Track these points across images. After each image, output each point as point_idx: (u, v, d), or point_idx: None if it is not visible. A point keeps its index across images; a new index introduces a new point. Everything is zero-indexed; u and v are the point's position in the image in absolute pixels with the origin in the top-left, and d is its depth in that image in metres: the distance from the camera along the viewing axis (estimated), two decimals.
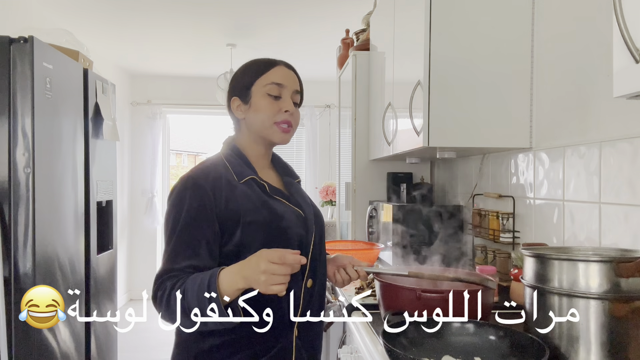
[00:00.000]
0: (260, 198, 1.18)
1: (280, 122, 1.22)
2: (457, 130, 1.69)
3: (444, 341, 1.08)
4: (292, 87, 1.26)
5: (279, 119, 1.22)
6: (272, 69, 1.25)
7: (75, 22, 3.72)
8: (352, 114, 2.69)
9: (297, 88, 1.27)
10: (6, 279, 1.96)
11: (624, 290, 0.93)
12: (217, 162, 1.22)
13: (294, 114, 1.25)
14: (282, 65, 1.27)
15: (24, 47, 1.98)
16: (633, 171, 1.22)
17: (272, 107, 1.22)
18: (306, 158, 5.70)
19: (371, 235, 2.46)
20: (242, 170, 1.20)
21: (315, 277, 1.24)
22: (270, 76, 1.24)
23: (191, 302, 1.02)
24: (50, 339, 2.12)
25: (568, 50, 1.51)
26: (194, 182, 1.14)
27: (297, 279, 1.18)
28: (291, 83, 1.26)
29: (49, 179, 2.13)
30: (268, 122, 1.22)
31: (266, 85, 1.23)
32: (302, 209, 1.24)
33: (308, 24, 3.79)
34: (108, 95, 2.77)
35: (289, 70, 1.27)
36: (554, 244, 1.54)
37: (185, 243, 1.10)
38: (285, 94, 1.24)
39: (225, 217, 1.13)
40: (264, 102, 1.23)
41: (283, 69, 1.26)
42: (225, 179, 1.17)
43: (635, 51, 0.79)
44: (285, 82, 1.24)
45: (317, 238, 1.26)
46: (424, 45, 1.67)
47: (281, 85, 1.23)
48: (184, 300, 1.03)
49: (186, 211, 1.12)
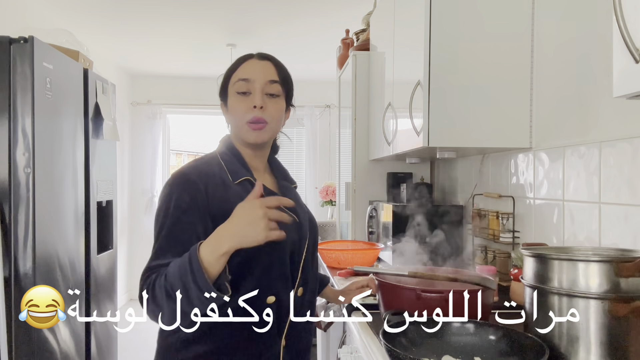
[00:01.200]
0: None
1: (250, 121, 1.15)
2: (457, 130, 1.69)
3: (444, 341, 1.08)
4: (264, 78, 1.17)
5: (248, 117, 1.15)
6: (241, 65, 1.19)
7: (75, 22, 3.72)
8: (352, 114, 2.69)
9: (272, 78, 1.18)
10: (6, 279, 1.96)
11: (624, 290, 0.93)
12: (211, 161, 1.17)
13: (267, 108, 1.16)
14: (254, 59, 1.20)
15: (24, 47, 1.98)
16: (633, 171, 1.22)
17: (241, 105, 1.16)
18: (306, 158, 5.71)
19: (371, 235, 2.46)
20: (237, 170, 1.16)
21: (306, 285, 1.20)
22: (238, 73, 1.18)
23: (174, 282, 0.95)
24: (50, 339, 2.12)
25: (568, 50, 1.51)
26: (186, 178, 1.09)
27: (287, 286, 1.14)
28: (262, 75, 1.17)
29: (49, 179, 2.13)
30: (240, 122, 1.17)
31: (235, 83, 1.18)
32: (297, 215, 1.20)
33: (308, 24, 3.79)
34: (108, 95, 2.77)
35: (260, 61, 1.20)
36: (554, 244, 1.54)
37: (174, 239, 1.05)
38: (254, 89, 1.16)
39: (217, 216, 1.07)
40: (234, 101, 1.18)
41: (253, 63, 1.19)
42: (220, 177, 1.13)
43: (635, 51, 0.79)
44: (252, 75, 1.17)
45: (310, 245, 1.22)
46: (424, 45, 1.67)
47: (248, 80, 1.16)
48: (167, 282, 0.96)
49: (176, 206, 1.06)
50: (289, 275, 1.15)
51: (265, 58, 1.21)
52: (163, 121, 5.65)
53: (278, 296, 1.12)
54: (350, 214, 2.73)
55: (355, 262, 2.05)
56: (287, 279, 1.14)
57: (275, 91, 1.19)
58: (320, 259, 2.28)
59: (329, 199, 4.77)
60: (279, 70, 1.21)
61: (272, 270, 1.11)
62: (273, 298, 1.11)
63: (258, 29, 3.94)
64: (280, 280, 1.13)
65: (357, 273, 1.92)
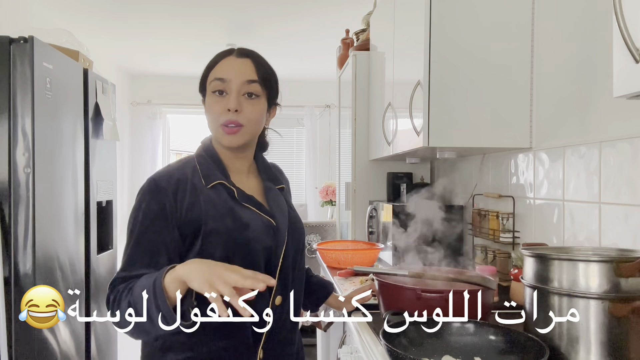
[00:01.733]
0: (226, 204, 1.09)
1: (224, 124, 1.10)
2: (457, 130, 1.69)
3: (444, 341, 1.08)
4: (242, 77, 1.11)
5: (222, 119, 1.10)
6: (219, 63, 1.14)
7: (75, 22, 3.72)
8: (352, 114, 2.69)
9: (250, 77, 1.12)
10: (6, 279, 1.96)
11: (624, 290, 0.93)
12: (186, 164, 1.13)
13: (243, 111, 1.10)
14: (232, 56, 1.14)
15: (24, 47, 1.98)
16: (633, 171, 1.22)
17: (216, 107, 1.11)
18: (306, 158, 5.70)
19: (371, 235, 2.46)
20: (210, 174, 1.11)
21: (286, 293, 1.14)
22: (215, 71, 1.13)
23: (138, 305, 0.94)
24: (50, 339, 2.12)
25: (568, 50, 1.51)
26: (155, 185, 1.06)
27: (263, 295, 1.08)
28: (239, 74, 1.11)
29: (49, 179, 2.13)
30: (215, 124, 1.12)
31: (211, 82, 1.12)
32: (275, 219, 1.14)
33: (308, 24, 3.79)
34: (108, 95, 2.77)
35: (239, 58, 1.13)
36: (554, 244, 1.54)
37: (143, 249, 1.03)
38: (231, 89, 1.10)
39: (185, 223, 1.05)
40: (209, 101, 1.13)
41: (231, 60, 1.13)
42: (191, 182, 1.08)
43: (635, 51, 0.79)
44: (228, 75, 1.10)
45: (290, 251, 1.15)
46: (424, 45, 1.67)
47: (223, 79, 1.10)
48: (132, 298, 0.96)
49: (145, 215, 1.04)
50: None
51: (245, 55, 1.14)
52: (163, 121, 5.65)
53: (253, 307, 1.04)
54: (350, 214, 2.73)
55: (355, 262, 2.05)
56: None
57: (253, 91, 1.12)
58: (320, 259, 2.28)
59: (329, 199, 4.77)
60: (259, 69, 1.14)
61: None
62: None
63: (258, 28, 3.94)
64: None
65: (357, 273, 1.92)
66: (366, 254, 2.10)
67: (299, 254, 1.21)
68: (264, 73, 1.15)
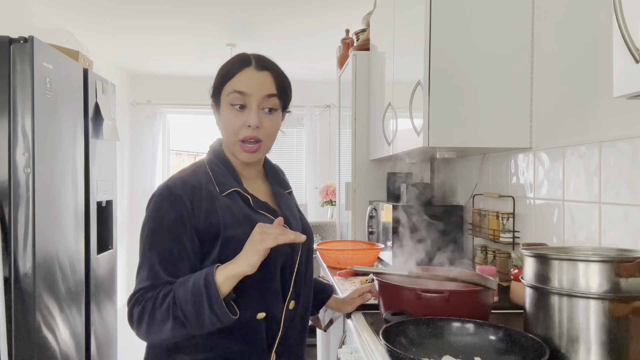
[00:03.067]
0: (243, 212, 1.08)
1: (244, 140, 1.09)
2: (457, 130, 1.69)
3: (444, 341, 1.08)
4: (262, 92, 1.09)
5: (242, 135, 1.09)
6: (237, 74, 1.09)
7: (75, 22, 3.72)
8: (352, 114, 2.69)
9: (270, 92, 1.10)
10: (6, 279, 1.96)
11: (624, 290, 0.93)
12: (198, 170, 1.12)
13: (263, 126, 1.09)
14: (252, 68, 1.10)
15: (24, 47, 1.98)
16: (633, 171, 1.22)
17: (235, 121, 1.09)
18: (306, 158, 5.70)
19: (371, 235, 2.46)
20: (224, 181, 1.10)
21: (299, 298, 1.15)
22: (234, 83, 1.09)
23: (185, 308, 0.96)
24: (50, 339, 2.12)
25: (568, 50, 1.51)
26: (170, 192, 1.05)
27: (277, 300, 1.10)
28: (259, 88, 1.09)
29: (49, 179, 2.13)
30: (232, 138, 1.10)
31: (229, 94, 1.09)
32: (289, 224, 1.15)
33: (308, 24, 3.79)
34: (108, 95, 2.77)
35: (259, 72, 1.10)
36: (554, 244, 1.54)
37: (165, 258, 1.02)
38: (251, 103, 1.08)
39: (204, 230, 1.04)
40: (227, 115, 1.10)
41: (251, 73, 1.09)
42: (206, 189, 1.07)
43: (635, 51, 0.79)
44: (250, 89, 1.08)
45: (303, 255, 1.16)
46: (424, 45, 1.67)
47: (245, 94, 1.08)
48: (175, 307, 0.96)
49: (162, 223, 1.03)
50: (279, 290, 1.11)
51: (264, 68, 1.11)
52: (163, 121, 5.65)
53: (268, 311, 1.09)
54: (350, 214, 2.73)
55: (355, 262, 2.05)
56: (277, 293, 1.10)
57: (272, 105, 1.11)
58: (320, 259, 2.28)
59: (329, 199, 4.77)
60: (278, 81, 1.12)
61: (262, 284, 1.08)
62: (263, 314, 1.08)
63: (258, 28, 3.94)
64: (270, 295, 1.09)
65: (357, 273, 1.92)
66: (366, 254, 2.09)
67: (309, 258, 1.22)
68: (283, 85, 1.14)
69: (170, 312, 0.97)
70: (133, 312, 1.01)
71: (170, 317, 0.97)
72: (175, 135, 5.99)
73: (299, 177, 5.73)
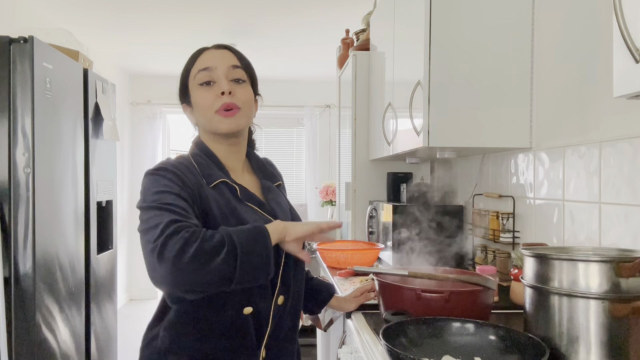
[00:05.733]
0: (229, 204, 1.07)
1: (220, 109, 1.09)
2: (457, 130, 1.69)
3: (444, 341, 1.08)
4: (225, 63, 1.12)
5: (217, 105, 1.09)
6: (199, 57, 1.14)
7: (75, 22, 3.72)
8: (352, 114, 2.69)
9: (233, 63, 1.13)
10: (6, 279, 1.96)
11: (624, 290, 0.93)
12: (184, 162, 1.10)
13: (236, 94, 1.10)
14: (211, 49, 1.15)
15: (24, 47, 1.98)
16: (633, 171, 1.22)
17: (207, 96, 1.10)
18: (306, 158, 5.70)
19: (371, 235, 2.46)
20: (211, 173, 1.10)
21: (288, 293, 1.14)
22: (197, 65, 1.13)
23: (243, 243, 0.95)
24: (50, 339, 2.12)
25: (568, 50, 1.51)
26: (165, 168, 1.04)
27: (265, 295, 1.09)
28: (222, 61, 1.12)
29: (49, 179, 2.13)
30: (209, 113, 1.10)
31: (195, 76, 1.12)
32: (276, 217, 1.13)
33: (308, 24, 3.79)
34: (108, 95, 2.77)
35: (218, 50, 1.15)
36: (554, 244, 1.54)
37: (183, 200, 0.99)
38: (217, 76, 1.11)
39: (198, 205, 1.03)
40: (198, 95, 1.11)
41: (211, 52, 1.14)
42: (194, 181, 1.06)
43: (635, 51, 0.79)
44: (213, 63, 1.11)
45: None
46: (424, 45, 1.67)
47: (209, 68, 1.11)
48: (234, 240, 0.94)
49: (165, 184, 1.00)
50: (267, 284, 1.09)
51: (223, 47, 1.16)
52: (163, 121, 5.65)
53: (255, 306, 1.07)
54: (350, 214, 2.73)
55: (355, 262, 2.05)
56: (264, 287, 1.09)
57: (239, 76, 1.13)
58: (320, 259, 2.28)
59: (329, 199, 4.77)
60: (239, 57, 1.16)
61: None
62: (250, 309, 1.07)
63: (258, 28, 3.94)
64: (258, 289, 1.07)
65: (357, 273, 1.92)
66: (366, 254, 2.09)
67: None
68: (245, 61, 1.17)
69: (226, 242, 0.94)
70: (167, 244, 0.91)
71: (225, 247, 0.93)
72: (175, 135, 5.99)
73: (299, 177, 5.73)
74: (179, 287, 0.94)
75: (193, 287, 0.94)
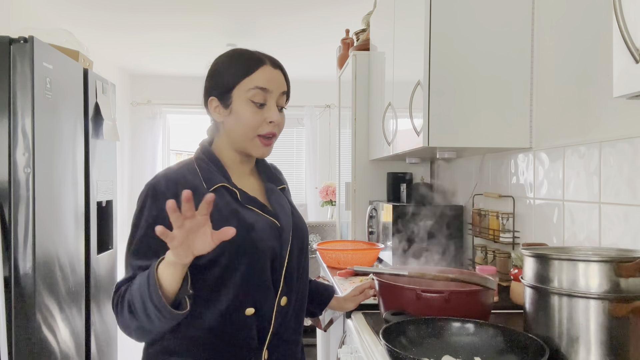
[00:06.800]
0: (230, 207, 1.08)
1: (264, 135, 1.10)
2: (457, 130, 1.69)
3: (444, 341, 1.08)
4: (279, 90, 1.12)
5: (263, 131, 1.10)
6: (257, 70, 1.10)
7: (75, 22, 3.72)
8: (352, 114, 2.69)
9: (284, 89, 1.14)
10: (6, 279, 1.96)
11: (623, 290, 0.93)
12: (185, 167, 1.11)
13: (280, 123, 1.13)
14: (269, 65, 1.12)
15: (24, 47, 1.98)
16: (633, 171, 1.22)
17: (256, 117, 1.09)
18: (306, 158, 5.70)
19: (371, 235, 2.46)
20: (211, 177, 1.09)
21: (291, 294, 1.14)
22: (254, 79, 1.09)
23: (134, 299, 0.95)
24: (50, 339, 2.12)
25: (568, 50, 1.51)
26: (154, 190, 1.05)
27: (268, 296, 1.09)
28: (278, 86, 1.11)
29: (49, 179, 2.13)
30: (251, 134, 1.10)
31: (249, 90, 1.09)
32: (279, 219, 1.13)
33: (308, 24, 3.79)
34: (108, 95, 2.77)
35: (275, 70, 1.13)
36: (554, 244, 1.54)
37: (144, 255, 1.01)
38: (270, 100, 1.10)
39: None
40: (247, 111, 1.09)
41: (269, 70, 1.11)
42: (192, 185, 1.06)
43: (635, 51, 0.79)
44: (271, 86, 1.10)
45: (294, 251, 1.15)
46: (424, 45, 1.67)
47: (267, 90, 1.09)
48: (130, 296, 0.97)
49: (145, 221, 1.03)
50: (270, 285, 1.09)
51: (278, 66, 1.15)
52: (163, 121, 5.65)
53: (258, 307, 1.07)
54: (350, 214, 2.73)
55: (355, 262, 2.05)
56: (267, 288, 1.09)
57: (282, 103, 1.14)
58: (320, 259, 2.28)
59: (329, 199, 4.77)
60: (287, 80, 1.16)
61: (250, 280, 1.07)
62: (252, 310, 1.07)
63: (258, 28, 3.94)
64: (260, 290, 1.08)
65: (357, 273, 1.92)
66: (366, 254, 2.09)
67: (302, 254, 1.20)
68: (289, 84, 1.18)
69: (128, 307, 0.97)
70: (113, 304, 1.02)
71: (128, 311, 0.97)
72: (175, 135, 5.99)
73: (299, 177, 5.73)
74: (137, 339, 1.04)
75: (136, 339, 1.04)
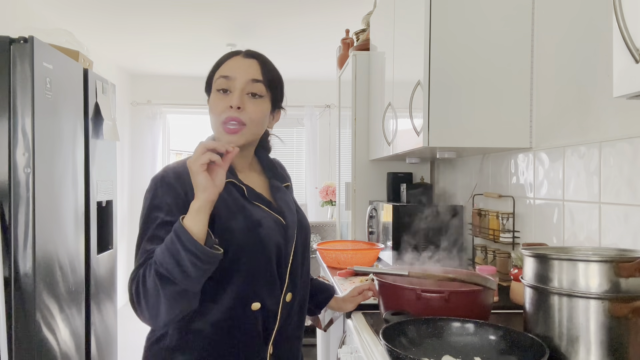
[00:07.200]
0: (237, 203, 1.08)
1: (226, 122, 1.08)
2: (457, 130, 1.69)
3: (444, 341, 1.08)
4: (246, 76, 1.10)
5: (224, 117, 1.08)
6: (225, 62, 1.13)
7: (75, 22, 3.72)
8: (352, 114, 2.69)
9: (255, 77, 1.11)
10: (6, 279, 1.96)
11: (623, 290, 0.93)
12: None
13: (246, 110, 1.09)
14: (240, 56, 1.13)
15: (24, 47, 1.98)
16: (633, 171, 1.22)
17: (219, 104, 1.09)
18: (306, 158, 5.71)
19: (371, 235, 2.46)
20: None
21: (295, 290, 1.15)
22: (221, 70, 1.12)
23: (163, 261, 0.92)
24: (50, 339, 2.12)
25: (568, 50, 1.51)
26: (164, 180, 1.06)
27: (273, 292, 1.10)
28: (244, 73, 1.10)
29: (49, 179, 2.13)
30: (216, 121, 1.10)
31: (216, 80, 1.11)
32: (284, 216, 1.15)
33: (308, 24, 3.79)
34: (108, 95, 2.77)
35: (246, 59, 1.13)
36: (554, 244, 1.54)
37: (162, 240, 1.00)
38: (235, 87, 1.09)
39: None
40: (213, 99, 1.11)
41: (237, 60, 1.12)
42: None
43: (635, 51, 0.79)
44: (234, 73, 1.09)
45: (299, 248, 1.16)
46: (424, 45, 1.67)
47: (228, 77, 1.09)
48: (157, 265, 0.93)
49: (158, 209, 1.03)
50: (275, 281, 1.10)
51: (252, 56, 1.14)
52: (163, 121, 5.65)
53: (263, 302, 1.08)
54: (350, 214, 2.73)
55: (355, 262, 2.05)
56: (272, 284, 1.10)
57: (257, 90, 1.11)
58: (320, 259, 2.28)
59: (329, 199, 4.77)
60: (265, 70, 1.13)
61: (256, 275, 1.08)
62: (258, 305, 1.08)
63: (258, 28, 3.94)
64: (266, 285, 1.09)
65: (357, 273, 1.92)
66: (366, 254, 2.09)
67: (306, 251, 1.22)
68: (270, 75, 1.14)
69: (157, 275, 0.93)
70: (132, 293, 0.97)
71: (158, 279, 0.93)
72: (175, 135, 5.99)
73: (299, 177, 5.73)
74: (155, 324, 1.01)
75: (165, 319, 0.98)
